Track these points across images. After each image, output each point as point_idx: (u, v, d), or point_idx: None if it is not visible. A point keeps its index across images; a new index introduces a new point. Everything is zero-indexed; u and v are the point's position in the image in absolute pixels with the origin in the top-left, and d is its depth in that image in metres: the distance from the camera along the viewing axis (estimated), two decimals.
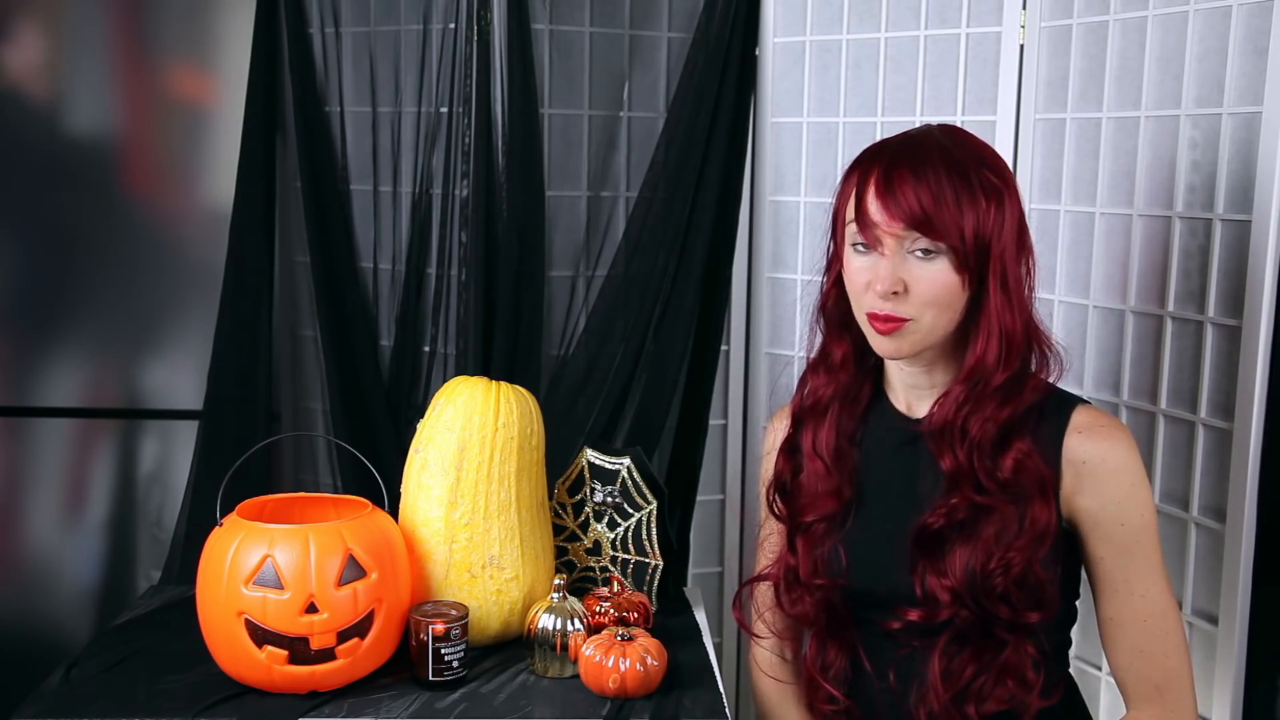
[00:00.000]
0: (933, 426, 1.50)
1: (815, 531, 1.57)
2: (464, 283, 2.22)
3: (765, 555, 1.74)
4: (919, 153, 1.43)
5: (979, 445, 1.45)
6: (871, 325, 1.47)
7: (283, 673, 1.66)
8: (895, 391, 1.59)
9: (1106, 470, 1.47)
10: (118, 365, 2.39)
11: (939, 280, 1.42)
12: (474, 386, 1.89)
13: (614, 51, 2.25)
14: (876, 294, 1.43)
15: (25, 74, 2.32)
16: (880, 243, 1.43)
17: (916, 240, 1.42)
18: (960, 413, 1.46)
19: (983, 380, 1.45)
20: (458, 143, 2.20)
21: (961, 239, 1.40)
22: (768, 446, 1.73)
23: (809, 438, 1.59)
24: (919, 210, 1.40)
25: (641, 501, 2.02)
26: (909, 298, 1.43)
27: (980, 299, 1.44)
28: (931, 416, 1.50)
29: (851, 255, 1.49)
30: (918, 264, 1.42)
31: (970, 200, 1.41)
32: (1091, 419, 1.49)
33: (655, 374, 2.27)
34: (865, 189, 1.45)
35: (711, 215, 2.25)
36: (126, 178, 2.36)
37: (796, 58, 2.28)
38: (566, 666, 1.76)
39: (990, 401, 1.45)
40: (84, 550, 2.41)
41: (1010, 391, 1.46)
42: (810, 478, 1.59)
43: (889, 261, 1.43)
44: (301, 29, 2.24)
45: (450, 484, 1.84)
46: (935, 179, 1.41)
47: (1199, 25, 1.82)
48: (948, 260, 1.42)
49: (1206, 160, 1.83)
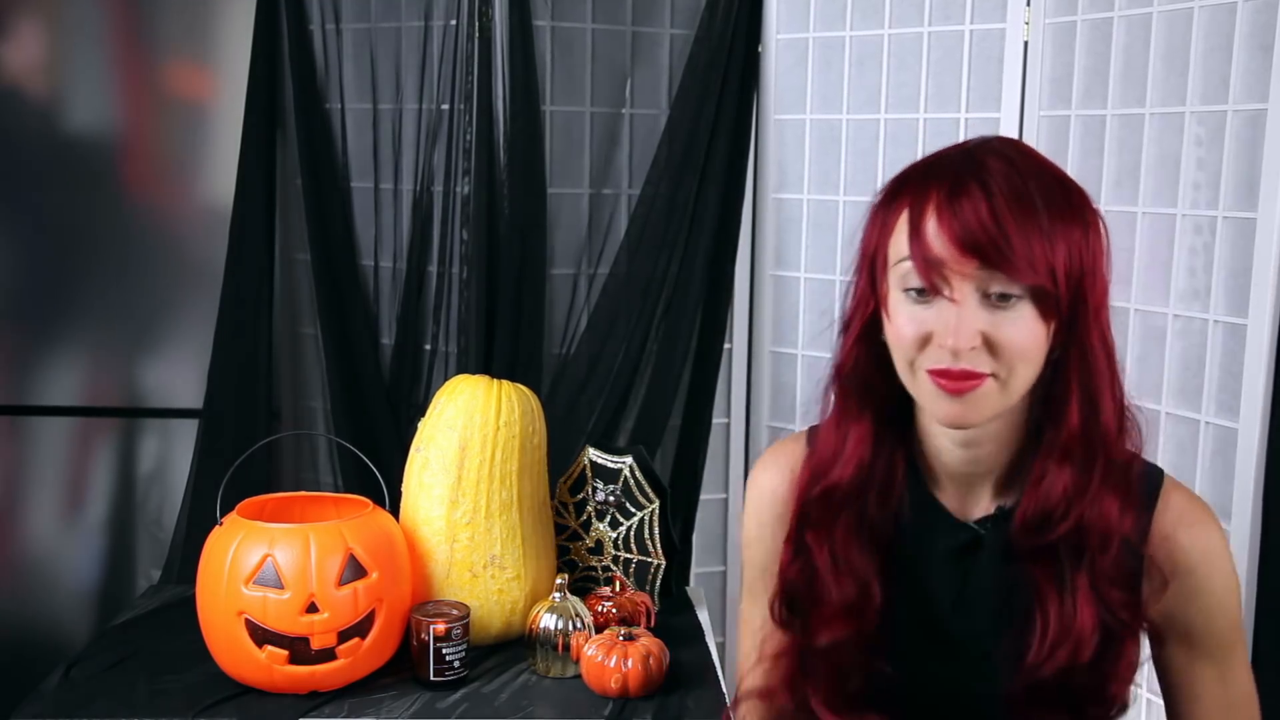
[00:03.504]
0: (1027, 524, 1.15)
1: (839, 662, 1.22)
2: (465, 281, 2.21)
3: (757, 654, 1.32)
4: (985, 169, 1.10)
5: (1100, 556, 1.13)
6: (937, 384, 1.11)
7: (283, 673, 1.65)
8: (941, 486, 1.23)
9: (1202, 572, 1.18)
10: (117, 363, 2.39)
11: (1027, 330, 1.09)
12: (475, 385, 1.89)
13: (616, 48, 2.24)
14: (947, 349, 1.10)
15: (24, 71, 2.31)
16: (947, 285, 1.09)
17: (993, 280, 1.08)
18: (1075, 508, 1.13)
19: (1090, 459, 1.13)
20: (459, 140, 2.20)
21: (1053, 277, 1.08)
22: (757, 508, 1.33)
23: (824, 542, 1.22)
24: (1001, 241, 1.07)
25: (644, 500, 2.01)
26: (988, 352, 1.10)
27: (1066, 353, 1.13)
28: (1024, 510, 1.15)
29: (901, 304, 1.13)
30: (995, 310, 1.09)
31: (1063, 226, 1.09)
32: (1185, 505, 1.19)
33: (658, 372, 2.26)
34: (922, 218, 1.10)
35: (714, 213, 2.24)
36: (126, 175, 2.35)
37: (799, 54, 2.27)
38: (568, 666, 1.76)
39: (1109, 492, 1.13)
40: (83, 549, 2.41)
41: (1119, 475, 1.14)
42: (826, 590, 1.22)
43: (962, 309, 1.09)
44: (302, 25, 2.23)
45: (451, 483, 1.83)
46: (1017, 201, 1.08)
47: (1204, 21, 1.81)
48: (1031, 304, 1.09)
49: (1211, 157, 1.82)
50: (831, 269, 2.26)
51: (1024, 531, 1.15)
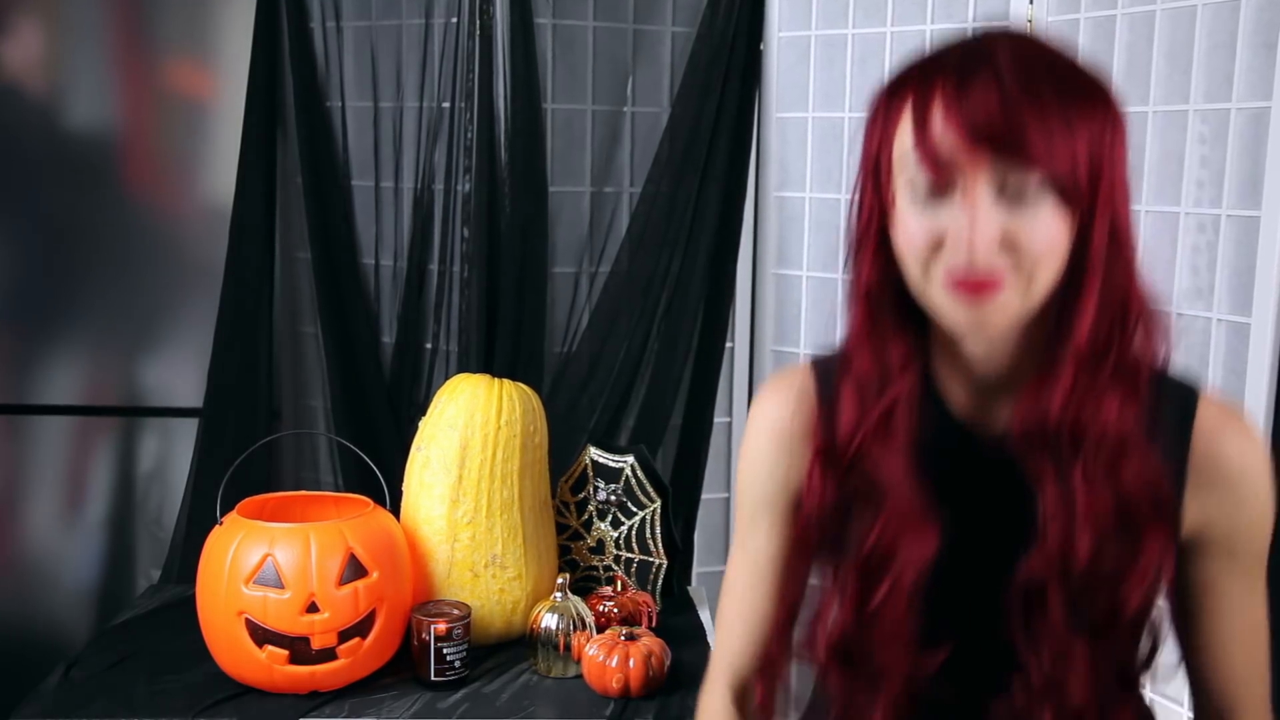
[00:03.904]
0: (1027, 430, 1.08)
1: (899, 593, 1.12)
2: (466, 279, 2.21)
3: (742, 637, 1.24)
4: (994, 56, 1.01)
5: (1097, 457, 1.07)
6: (956, 294, 1.02)
7: (283, 673, 1.65)
8: (950, 392, 1.15)
9: (1247, 482, 1.13)
10: (117, 362, 2.38)
11: (1048, 229, 1.01)
12: (476, 384, 1.88)
13: (617, 46, 2.23)
14: (961, 253, 1.01)
15: (24, 69, 2.31)
16: (958, 182, 1.00)
17: (1009, 172, 0.99)
18: (1070, 411, 1.06)
19: (1099, 362, 1.06)
20: (460, 138, 2.20)
21: (1074, 165, 1.00)
22: (768, 436, 1.23)
23: (880, 468, 1.12)
24: (1016, 127, 0.98)
25: (645, 500, 2.00)
26: (1007, 254, 1.01)
27: (1083, 252, 1.04)
28: (1023, 418, 1.08)
29: (910, 210, 1.04)
30: (1013, 208, 1.01)
31: (1083, 112, 1.00)
32: (1223, 414, 1.13)
33: (659, 371, 2.26)
34: (928, 111, 1.01)
35: (716, 211, 2.23)
36: (126, 173, 2.35)
37: (801, 52, 2.27)
38: (569, 666, 1.75)
39: (1111, 393, 1.06)
40: (83, 549, 2.40)
41: (1128, 377, 1.07)
42: (893, 521, 1.12)
43: (977, 209, 1.00)
44: (302, 23, 2.23)
45: (452, 482, 1.83)
46: (1031, 85, 0.99)
47: (1207, 19, 1.81)
48: (1051, 199, 1.00)
49: (1215, 155, 1.81)
50: (834, 267, 2.25)
51: (1023, 431, 1.08)
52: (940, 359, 1.14)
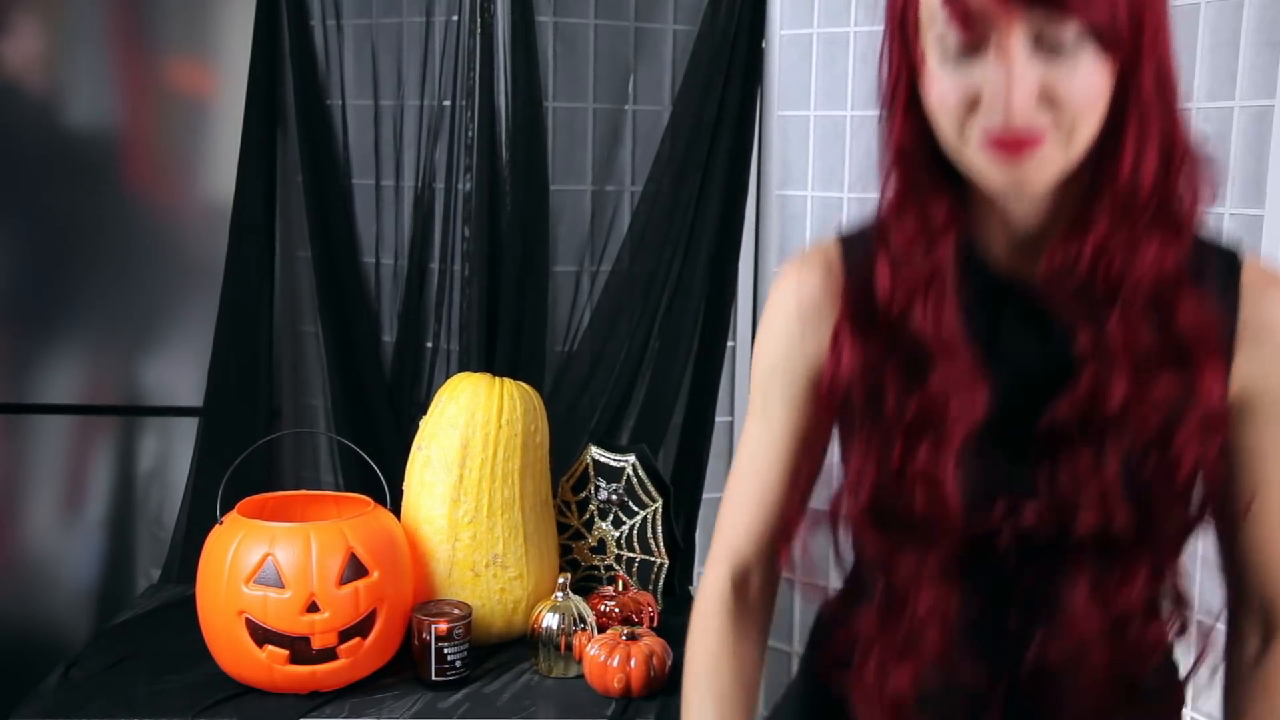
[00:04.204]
0: (1057, 277, 1.04)
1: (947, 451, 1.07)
2: (467, 278, 2.21)
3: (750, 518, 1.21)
4: None
5: (1135, 301, 1.03)
6: (994, 153, 0.99)
7: (284, 672, 1.64)
8: (988, 248, 1.11)
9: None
10: (117, 361, 2.38)
11: (1088, 80, 0.96)
12: (477, 383, 1.88)
13: (619, 44, 2.23)
14: (998, 112, 0.97)
15: (23, 66, 2.30)
16: (991, 36, 0.96)
17: (1045, 24, 0.95)
18: (1106, 257, 1.01)
19: (1138, 207, 1.01)
20: (460, 136, 2.19)
21: (1113, 13, 0.95)
22: (796, 302, 1.20)
23: (927, 328, 1.07)
24: None
25: (646, 499, 2.00)
26: (1047, 109, 0.98)
27: (1124, 100, 1.00)
28: (1054, 265, 1.04)
29: (940, 68, 1.00)
30: (1050, 60, 0.96)
31: None
32: (1269, 275, 1.09)
33: (660, 370, 2.25)
34: None
35: (717, 210, 2.23)
36: (126, 172, 2.34)
37: (803, 50, 2.26)
38: (571, 666, 1.75)
39: (1151, 237, 1.01)
40: (83, 548, 2.40)
41: (1170, 222, 1.03)
42: (945, 379, 1.07)
43: (1013, 63, 0.95)
44: (303, 21, 2.22)
45: (453, 482, 1.82)
46: None
47: (1210, 17, 1.80)
48: (1090, 48, 0.96)
49: (1218, 153, 1.81)
50: None
51: (1054, 278, 1.04)
52: (977, 215, 1.09)
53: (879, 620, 1.10)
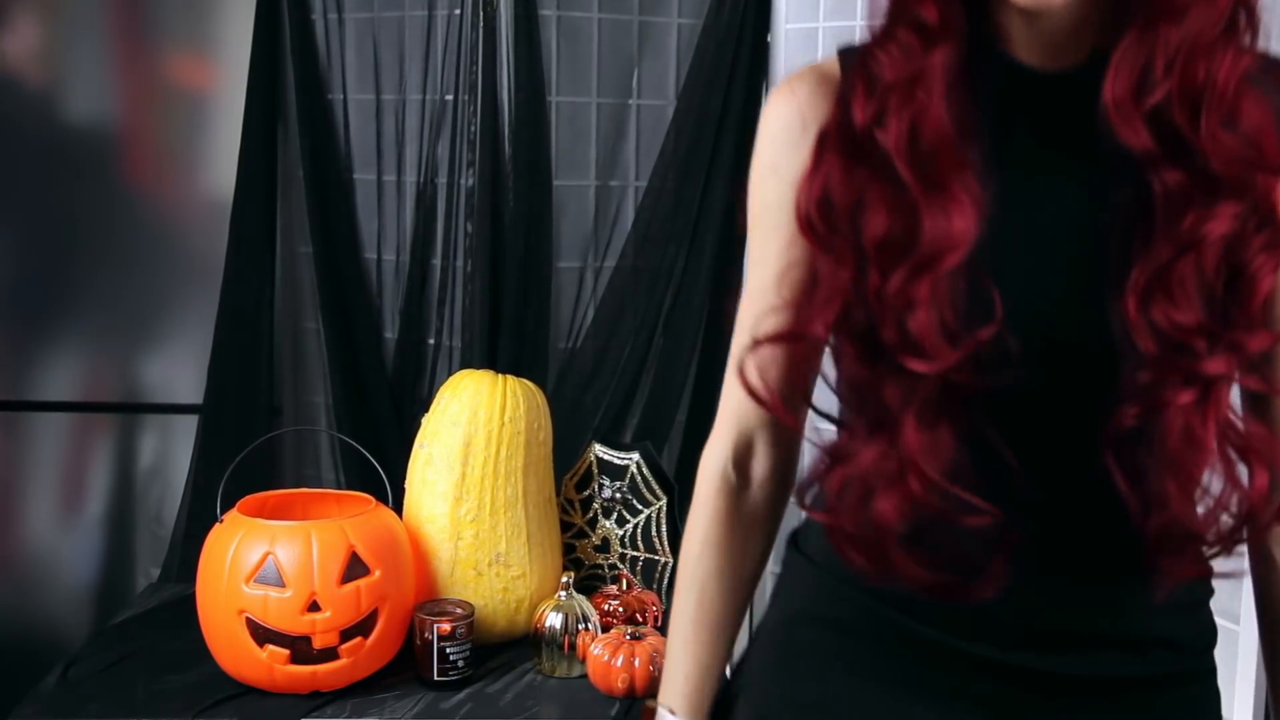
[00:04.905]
0: (1130, 98, 0.90)
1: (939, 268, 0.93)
2: (469, 274, 2.20)
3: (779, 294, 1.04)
4: None
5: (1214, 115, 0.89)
6: None
7: (284, 672, 1.64)
8: (1020, 45, 0.97)
9: None
10: (116, 358, 2.37)
11: None
12: (479, 380, 1.88)
13: (623, 38, 2.22)
14: None
15: (23, 61, 2.30)
16: None
17: None
18: (1179, 67, 0.88)
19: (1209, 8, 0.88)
20: (463, 131, 2.18)
21: None
22: (798, 112, 1.03)
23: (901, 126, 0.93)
24: None
25: (651, 497, 1.99)
26: None
27: None
28: (1123, 86, 0.90)
29: None
30: None
31: None
32: None
33: (665, 367, 2.24)
34: None
35: (722, 205, 2.22)
36: (126, 167, 2.34)
37: (809, 45, 2.25)
38: (574, 666, 1.74)
39: (1225, 43, 0.89)
40: (82, 547, 2.39)
41: (1235, 28, 0.90)
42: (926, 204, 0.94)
43: None
44: (304, 15, 2.21)
45: (455, 480, 1.82)
46: None
47: None
48: None
49: None
50: None
51: (1125, 100, 0.90)
52: (1000, 22, 0.96)
53: (861, 448, 0.95)
